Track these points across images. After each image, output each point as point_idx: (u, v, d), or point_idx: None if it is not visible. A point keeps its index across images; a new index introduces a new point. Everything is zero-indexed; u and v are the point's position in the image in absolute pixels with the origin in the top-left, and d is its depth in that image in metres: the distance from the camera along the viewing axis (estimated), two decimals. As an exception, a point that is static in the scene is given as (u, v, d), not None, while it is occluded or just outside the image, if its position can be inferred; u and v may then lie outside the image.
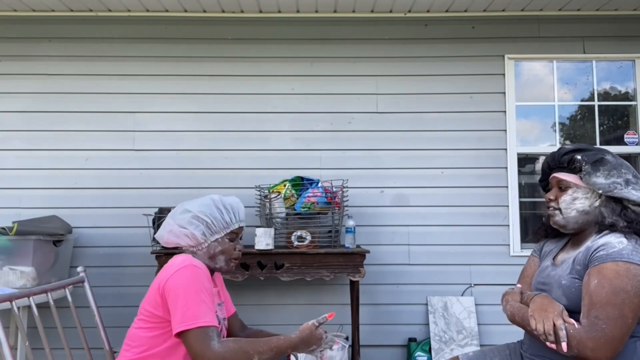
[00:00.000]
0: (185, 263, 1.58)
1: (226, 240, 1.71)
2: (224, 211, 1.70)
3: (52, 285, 1.78)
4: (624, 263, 1.39)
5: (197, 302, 1.50)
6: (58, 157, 3.36)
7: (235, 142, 3.39)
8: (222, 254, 1.71)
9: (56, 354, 3.02)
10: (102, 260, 3.30)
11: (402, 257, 3.35)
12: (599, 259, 1.43)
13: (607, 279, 1.38)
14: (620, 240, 1.45)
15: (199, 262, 1.62)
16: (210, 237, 1.68)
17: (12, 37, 3.42)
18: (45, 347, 1.59)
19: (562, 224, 1.60)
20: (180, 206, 1.72)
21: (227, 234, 1.71)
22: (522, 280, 1.76)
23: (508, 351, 1.75)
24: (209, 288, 1.57)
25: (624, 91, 3.53)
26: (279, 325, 3.24)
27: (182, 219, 1.67)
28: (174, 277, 1.54)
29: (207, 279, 1.59)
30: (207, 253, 1.70)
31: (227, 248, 1.71)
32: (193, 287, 1.52)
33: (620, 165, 1.55)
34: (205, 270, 1.60)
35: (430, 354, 3.16)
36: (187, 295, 1.50)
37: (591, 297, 1.39)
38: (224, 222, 1.69)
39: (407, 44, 3.46)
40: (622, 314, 1.35)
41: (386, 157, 3.40)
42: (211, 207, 1.69)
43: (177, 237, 1.67)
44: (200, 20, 3.45)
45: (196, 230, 1.66)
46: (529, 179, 3.50)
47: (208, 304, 1.53)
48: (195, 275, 1.55)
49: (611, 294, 1.36)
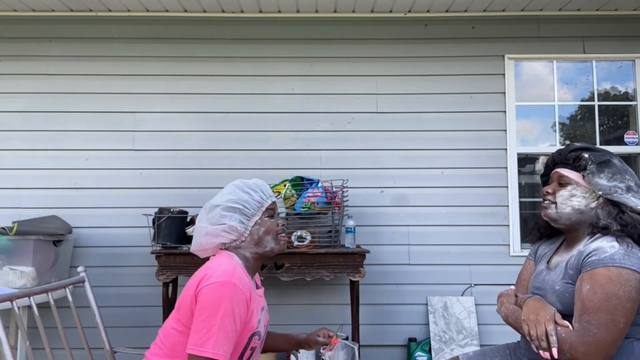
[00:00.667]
0: (227, 277, 1.44)
1: (265, 219, 1.60)
2: (252, 192, 1.60)
3: (53, 285, 1.79)
4: (616, 268, 1.39)
5: (218, 327, 1.39)
6: (58, 157, 3.36)
7: (235, 142, 3.39)
8: (268, 234, 1.60)
9: (56, 353, 3.02)
10: (102, 260, 3.30)
11: (402, 257, 3.35)
12: (590, 264, 1.43)
13: (599, 285, 1.38)
14: (612, 244, 1.44)
15: (242, 276, 1.48)
16: (249, 222, 1.58)
17: (12, 37, 3.42)
18: (46, 347, 1.59)
19: (554, 217, 1.60)
20: (204, 208, 1.62)
21: (264, 213, 1.60)
22: (519, 285, 1.76)
23: (508, 351, 1.75)
24: (241, 313, 1.45)
25: (624, 91, 3.53)
26: (279, 325, 3.25)
27: (213, 216, 1.56)
28: (210, 287, 1.42)
29: (244, 302, 1.46)
30: (252, 240, 1.59)
31: (270, 225, 1.61)
32: (222, 308, 1.40)
33: (625, 171, 1.54)
34: (244, 292, 1.46)
35: (430, 354, 3.16)
36: (213, 315, 1.39)
37: (583, 302, 1.39)
38: (257, 202, 1.59)
39: (407, 44, 3.46)
40: (613, 319, 1.35)
41: (386, 157, 3.40)
42: (237, 193, 1.59)
43: (215, 236, 1.56)
44: (200, 20, 3.45)
45: (232, 221, 1.55)
46: (529, 179, 3.50)
47: (230, 333, 1.41)
48: (230, 296, 1.41)
49: (603, 299, 1.36)
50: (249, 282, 1.52)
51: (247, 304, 1.47)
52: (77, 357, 2.36)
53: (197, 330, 1.40)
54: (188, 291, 1.48)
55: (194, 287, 1.46)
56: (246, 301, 1.47)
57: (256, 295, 1.56)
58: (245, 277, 1.50)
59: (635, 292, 1.36)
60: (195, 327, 1.41)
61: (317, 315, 3.32)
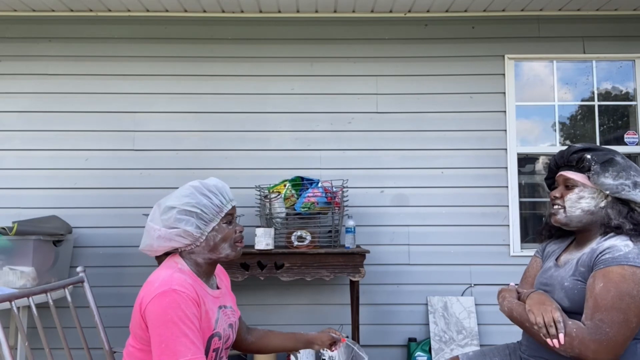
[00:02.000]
0: (165, 286, 1.38)
1: (223, 226, 1.52)
2: (212, 196, 1.50)
3: (52, 285, 1.78)
4: (630, 267, 1.38)
5: (176, 335, 1.33)
6: (58, 157, 3.36)
7: (235, 142, 3.39)
8: (224, 240, 1.52)
9: (56, 354, 3.03)
10: (102, 260, 3.30)
11: (402, 257, 3.34)
12: (604, 262, 1.42)
13: (612, 283, 1.38)
14: (626, 243, 1.44)
15: (182, 280, 1.41)
16: (206, 227, 1.49)
17: (12, 37, 3.42)
18: (45, 347, 1.59)
19: (564, 221, 1.60)
20: (158, 206, 1.51)
21: (222, 219, 1.51)
22: (524, 281, 1.75)
23: (508, 351, 1.75)
24: (193, 313, 1.39)
25: (624, 91, 3.53)
26: (279, 325, 3.25)
27: (168, 218, 1.46)
28: (152, 303, 1.36)
29: (192, 301, 1.39)
30: (207, 246, 1.50)
31: (228, 232, 1.52)
32: (172, 317, 1.34)
33: (629, 167, 1.54)
34: (188, 293, 1.39)
35: (430, 354, 3.16)
36: (166, 327, 1.33)
37: (596, 300, 1.39)
38: (216, 207, 1.50)
39: (407, 44, 3.46)
40: (626, 319, 1.35)
41: (386, 157, 3.40)
42: (196, 196, 1.49)
43: (168, 240, 1.47)
44: (200, 20, 3.45)
45: (188, 226, 1.46)
46: (529, 179, 3.50)
47: (190, 335, 1.36)
48: (174, 303, 1.35)
49: (617, 298, 1.36)
50: (197, 284, 1.47)
51: (197, 303, 1.41)
52: (77, 357, 2.36)
53: (155, 346, 1.35)
54: (136, 314, 1.43)
55: (138, 308, 1.41)
56: (194, 300, 1.40)
57: (209, 296, 1.50)
58: (188, 280, 1.43)
59: None
60: (154, 344, 1.35)
61: (317, 315, 3.32)
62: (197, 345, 1.37)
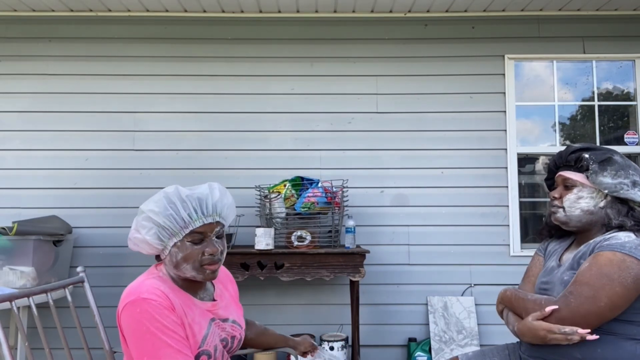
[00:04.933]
0: (133, 295, 1.26)
1: (187, 244, 1.32)
2: (180, 206, 1.31)
3: (52, 285, 1.78)
4: (622, 254, 1.38)
5: (157, 347, 1.22)
6: (58, 157, 3.36)
7: (235, 142, 3.39)
8: (186, 261, 1.32)
9: (56, 354, 3.04)
10: (102, 260, 3.30)
11: (402, 257, 3.34)
12: (600, 248, 1.44)
13: (597, 265, 1.39)
14: (628, 234, 1.45)
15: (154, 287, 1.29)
16: (168, 241, 1.32)
17: (12, 37, 3.42)
18: (45, 347, 1.59)
19: (563, 220, 1.60)
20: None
21: (186, 236, 1.32)
22: (526, 280, 1.75)
23: (507, 351, 1.75)
24: (172, 320, 1.26)
25: (624, 91, 3.53)
26: (279, 325, 3.25)
27: (136, 222, 1.33)
28: (124, 314, 1.26)
29: (166, 308, 1.26)
30: (171, 262, 1.34)
31: (191, 253, 1.32)
32: (148, 327, 1.23)
33: (628, 166, 1.53)
34: (160, 301, 1.26)
35: (430, 354, 3.16)
36: (143, 340, 1.23)
37: (576, 277, 1.42)
38: (181, 220, 1.31)
39: (407, 44, 3.46)
40: (595, 296, 1.35)
41: (386, 157, 3.40)
42: (162, 203, 1.31)
43: (135, 245, 1.35)
44: (200, 20, 3.45)
45: (149, 235, 1.30)
46: (529, 179, 3.50)
47: (174, 344, 1.24)
48: (146, 313, 1.23)
49: (594, 276, 1.37)
50: (176, 292, 1.35)
51: (172, 309, 1.28)
52: (77, 357, 2.36)
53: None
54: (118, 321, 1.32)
55: (117, 318, 1.31)
56: (169, 308, 1.27)
57: (197, 307, 1.37)
58: (162, 287, 1.31)
59: (632, 279, 1.35)
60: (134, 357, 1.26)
61: (317, 315, 3.32)
62: (184, 353, 1.26)
